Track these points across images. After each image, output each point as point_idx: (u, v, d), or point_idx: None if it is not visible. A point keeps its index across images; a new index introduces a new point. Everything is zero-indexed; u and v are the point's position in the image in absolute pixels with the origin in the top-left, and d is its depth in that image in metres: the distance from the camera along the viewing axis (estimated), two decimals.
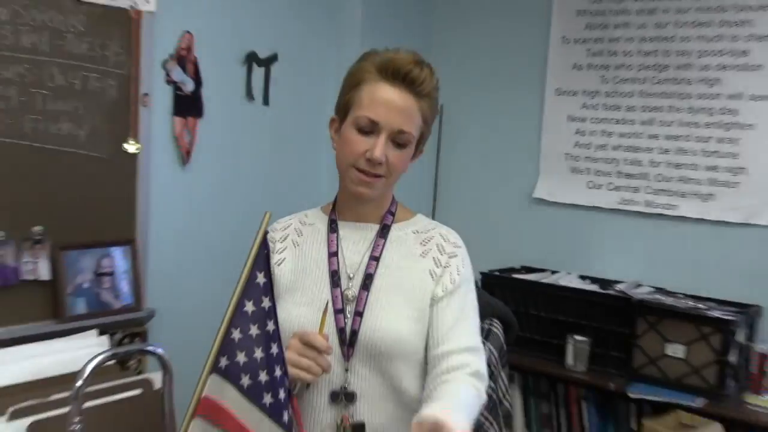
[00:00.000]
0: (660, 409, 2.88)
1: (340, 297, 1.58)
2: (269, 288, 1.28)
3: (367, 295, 1.57)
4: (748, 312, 2.98)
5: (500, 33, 3.70)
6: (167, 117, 2.88)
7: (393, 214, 1.67)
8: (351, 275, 1.61)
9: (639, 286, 3.26)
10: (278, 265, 1.66)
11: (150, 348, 1.43)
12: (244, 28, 3.13)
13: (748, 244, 3.11)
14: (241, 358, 1.26)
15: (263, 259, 1.26)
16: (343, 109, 1.59)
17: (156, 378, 1.53)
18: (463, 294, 1.62)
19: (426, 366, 1.58)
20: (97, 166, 2.64)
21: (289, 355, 1.43)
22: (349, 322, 1.56)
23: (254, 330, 1.27)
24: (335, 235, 1.65)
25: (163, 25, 2.80)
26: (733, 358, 2.86)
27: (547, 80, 3.58)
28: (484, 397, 1.54)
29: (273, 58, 3.25)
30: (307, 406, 1.57)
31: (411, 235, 1.66)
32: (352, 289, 1.59)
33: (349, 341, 1.55)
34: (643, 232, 3.37)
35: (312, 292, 1.60)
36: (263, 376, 1.28)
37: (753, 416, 2.74)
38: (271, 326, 1.29)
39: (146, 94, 2.75)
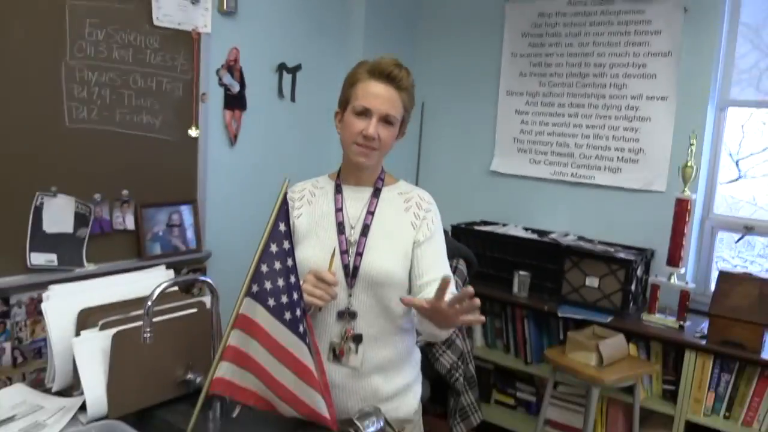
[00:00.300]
0: (580, 324, 2.90)
1: (345, 241, 1.59)
2: (289, 234, 1.32)
3: (365, 240, 1.59)
4: (644, 254, 3.02)
5: (467, 48, 3.69)
6: (219, 110, 2.88)
7: (383, 180, 1.69)
8: (353, 225, 1.62)
9: (566, 235, 3.30)
10: (297, 218, 1.67)
11: (201, 277, 1.48)
12: (276, 45, 3.12)
13: (645, 204, 3.14)
14: (267, 285, 1.29)
15: (284, 212, 1.29)
16: (344, 102, 1.63)
17: (208, 300, 1.57)
18: (437, 240, 1.65)
19: (409, 292, 1.62)
20: (168, 146, 2.65)
21: (305, 286, 1.47)
22: (351, 260, 1.58)
23: (277, 265, 1.30)
24: (340, 195, 1.66)
25: (217, 42, 2.79)
26: (633, 287, 2.91)
27: (501, 84, 3.57)
28: None
29: (298, 67, 3.23)
30: (320, 323, 1.59)
31: (397, 195, 1.67)
32: (353, 235, 1.60)
33: (351, 274, 1.57)
34: (569, 196, 3.39)
35: (323, 238, 1.61)
36: (284, 299, 1.31)
37: (646, 329, 2.78)
38: (290, 262, 1.32)
39: (204, 93, 2.76)
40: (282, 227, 1.30)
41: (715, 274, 2.95)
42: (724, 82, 3.00)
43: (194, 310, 1.57)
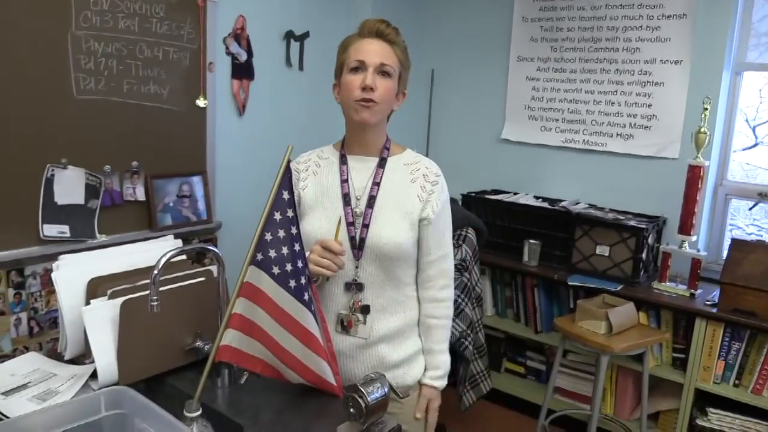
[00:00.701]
0: (590, 292, 2.90)
1: (351, 213, 1.58)
2: (293, 202, 1.31)
3: (371, 212, 1.58)
4: (656, 222, 3.00)
5: (477, 14, 3.63)
6: (227, 80, 2.87)
7: (388, 149, 1.66)
8: (358, 197, 1.60)
9: (577, 203, 3.28)
10: (303, 190, 1.66)
11: (207, 246, 1.49)
12: (284, 12, 3.08)
13: (657, 171, 3.11)
14: (272, 253, 1.30)
15: (287, 180, 1.29)
16: (339, 70, 1.62)
17: (215, 269, 1.59)
18: (444, 218, 1.65)
19: (416, 262, 1.64)
20: (176, 116, 2.65)
21: (312, 256, 1.49)
22: (357, 231, 1.57)
23: (281, 233, 1.30)
24: (345, 166, 1.64)
25: (223, 10, 2.77)
26: (644, 255, 2.90)
27: (511, 50, 3.52)
28: (452, 296, 1.71)
29: (306, 35, 3.21)
30: (328, 293, 1.60)
31: (402, 166, 1.64)
32: (359, 206, 1.59)
33: (358, 246, 1.56)
34: (581, 163, 3.36)
35: (329, 209, 1.60)
36: (288, 267, 1.31)
37: (656, 297, 2.78)
38: (293, 230, 1.32)
39: (211, 63, 2.75)
40: (285, 195, 1.30)
41: (728, 243, 2.93)
42: (740, 46, 2.94)
43: (202, 279, 1.59)
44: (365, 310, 1.59)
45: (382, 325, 1.61)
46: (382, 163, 1.64)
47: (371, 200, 1.59)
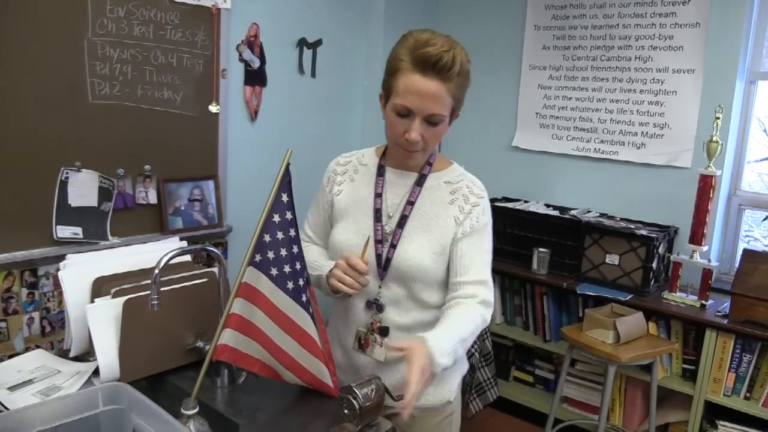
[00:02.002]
0: (600, 301, 2.89)
1: (380, 230, 1.51)
2: (292, 205, 1.34)
3: (401, 232, 1.50)
4: (667, 231, 2.98)
5: (489, 21, 3.64)
6: (240, 86, 2.92)
7: (431, 165, 1.54)
8: (390, 214, 1.52)
9: (588, 212, 3.27)
10: (336, 195, 1.60)
11: (207, 247, 1.52)
12: (296, 20, 3.13)
13: (669, 181, 3.08)
14: (270, 255, 1.32)
15: (286, 183, 1.32)
16: (386, 91, 1.44)
17: (218, 270, 1.62)
18: (480, 237, 1.52)
19: (445, 284, 1.53)
20: (189, 122, 2.70)
21: (336, 272, 1.45)
22: (385, 251, 1.50)
23: (280, 235, 1.32)
24: (382, 179, 1.55)
25: (237, 18, 2.82)
26: (654, 265, 2.88)
27: (523, 58, 3.52)
28: (488, 321, 1.51)
29: (318, 42, 3.25)
30: (349, 308, 1.55)
31: (443, 184, 1.53)
32: (389, 225, 1.51)
33: (383, 266, 1.50)
34: (592, 172, 3.35)
35: (359, 222, 1.54)
36: (287, 269, 1.33)
37: (666, 307, 2.76)
38: (292, 232, 1.34)
39: (224, 69, 2.79)
40: (284, 198, 1.33)
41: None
42: (754, 55, 2.92)
43: (205, 280, 1.62)
44: (384, 332, 1.52)
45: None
46: (420, 181, 1.54)
47: (402, 220, 1.51)
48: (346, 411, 1.27)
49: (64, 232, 2.38)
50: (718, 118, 2.69)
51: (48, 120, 2.29)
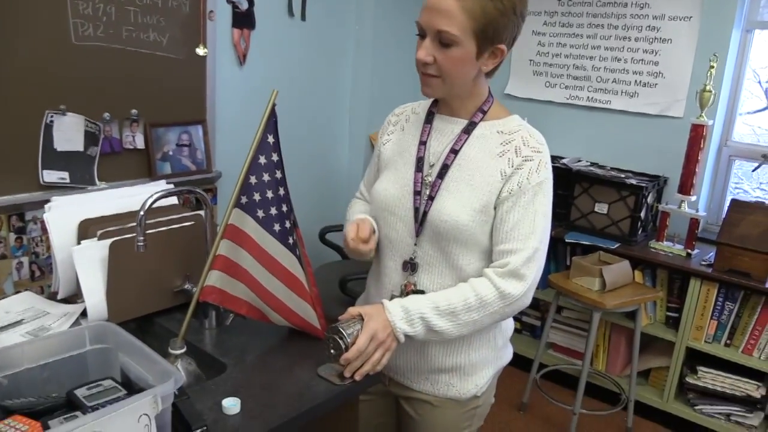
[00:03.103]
0: (587, 250, 2.91)
1: (419, 181, 1.38)
2: (278, 146, 1.32)
3: (441, 183, 1.35)
4: (657, 181, 2.99)
5: None
6: (228, 28, 2.86)
7: (484, 112, 1.37)
8: (432, 163, 1.38)
9: (579, 161, 3.26)
10: (383, 144, 1.50)
11: (194, 189, 1.51)
12: None
13: (661, 130, 3.07)
14: (256, 197, 1.31)
15: (272, 124, 1.30)
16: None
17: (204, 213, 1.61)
18: (530, 198, 1.30)
19: (488, 250, 1.36)
20: (176, 65, 2.65)
21: (345, 239, 1.41)
22: (423, 204, 1.36)
23: (266, 177, 1.31)
24: (429, 126, 1.42)
25: None
26: (642, 214, 2.90)
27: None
28: (511, 296, 1.30)
29: None
30: (384, 268, 1.45)
31: (495, 134, 1.35)
32: (430, 175, 1.37)
33: (420, 220, 1.37)
34: (585, 121, 3.33)
35: (400, 172, 1.42)
36: (273, 211, 1.33)
37: (652, 256, 2.79)
38: (278, 174, 1.33)
39: (212, 11, 2.73)
40: (270, 139, 1.32)
41: None
42: (752, 3, 2.87)
43: (192, 222, 1.61)
44: (418, 293, 1.38)
45: None
46: (469, 128, 1.37)
47: (443, 170, 1.36)
48: (332, 351, 1.28)
49: (50, 176, 2.36)
50: (713, 66, 2.67)
51: (31, 62, 2.24)
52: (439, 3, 1.22)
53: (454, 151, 1.36)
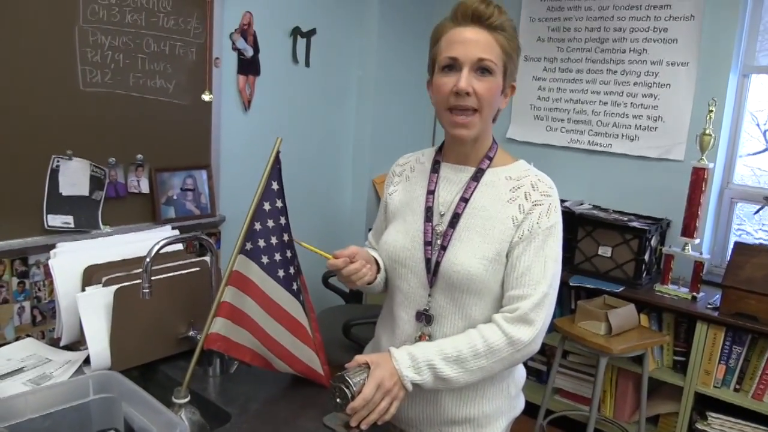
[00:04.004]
0: (592, 293, 2.89)
1: (430, 231, 1.36)
2: (282, 193, 1.33)
3: (452, 233, 1.34)
4: (660, 224, 2.99)
5: None
6: (233, 75, 2.90)
7: (491, 159, 1.37)
8: (442, 213, 1.37)
9: (581, 204, 3.26)
10: (390, 195, 1.50)
11: (200, 235, 1.51)
12: (290, 9, 3.11)
13: (662, 173, 3.09)
14: (261, 243, 1.32)
15: (276, 171, 1.31)
16: (431, 65, 1.36)
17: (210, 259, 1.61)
18: (540, 243, 1.30)
19: (500, 299, 1.34)
20: (181, 111, 2.69)
21: (340, 277, 1.35)
22: (434, 254, 1.35)
23: (270, 223, 1.32)
24: (436, 175, 1.41)
25: (230, 6, 2.81)
26: (646, 257, 2.89)
27: None
28: (520, 341, 1.27)
29: (312, 32, 3.23)
30: (396, 318, 1.42)
31: (503, 180, 1.35)
32: (441, 225, 1.36)
33: (433, 271, 1.35)
34: (586, 164, 3.35)
35: (408, 223, 1.41)
36: (278, 257, 1.33)
37: (658, 299, 2.77)
38: (283, 221, 1.34)
39: (217, 58, 2.78)
40: (275, 186, 1.33)
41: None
42: (748, 48, 2.92)
43: (197, 269, 1.61)
44: None
45: None
46: (477, 176, 1.37)
47: (455, 219, 1.34)
48: (338, 400, 1.26)
49: (55, 220, 2.37)
50: (712, 111, 2.70)
51: (39, 108, 2.27)
52: (475, 35, 1.27)
53: (465, 200, 1.35)
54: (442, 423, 1.40)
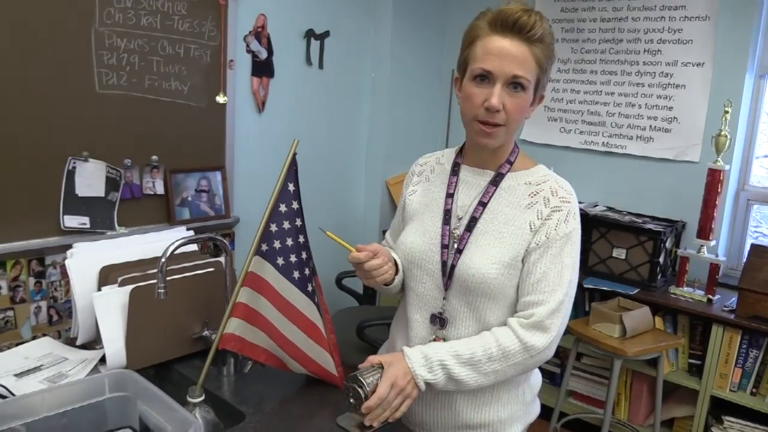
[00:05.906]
0: (606, 295, 2.87)
1: (447, 234, 1.35)
2: (298, 194, 1.33)
3: (469, 236, 1.33)
4: (675, 226, 2.97)
5: None
6: (247, 77, 2.92)
7: (511, 163, 1.36)
8: (460, 216, 1.36)
9: (595, 205, 3.25)
10: (409, 195, 1.49)
11: (214, 236, 1.52)
12: (304, 11, 3.12)
13: (677, 175, 3.07)
14: (277, 244, 1.32)
15: (293, 173, 1.31)
16: (462, 66, 1.31)
17: (224, 260, 1.61)
18: (558, 250, 1.28)
19: (515, 304, 1.33)
20: (196, 112, 2.70)
21: (358, 273, 1.36)
22: (450, 257, 1.34)
23: (286, 224, 1.32)
24: (456, 177, 1.40)
25: (244, 8, 2.82)
26: (661, 259, 2.87)
27: None
28: (534, 347, 1.27)
29: (326, 34, 3.24)
30: (411, 322, 1.41)
31: (522, 185, 1.34)
32: (458, 228, 1.35)
33: (448, 274, 1.34)
34: (600, 166, 3.33)
35: (427, 224, 1.40)
36: (293, 258, 1.33)
37: (673, 301, 2.75)
38: (299, 222, 1.34)
39: (232, 60, 2.79)
40: (291, 187, 1.33)
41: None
42: (764, 48, 2.89)
43: (212, 270, 1.61)
44: None
45: None
46: (496, 180, 1.35)
47: (472, 222, 1.34)
48: (351, 400, 1.26)
49: (71, 221, 2.39)
50: (727, 112, 2.67)
51: (56, 110, 2.29)
52: (513, 49, 1.22)
53: (483, 204, 1.34)
54: (457, 427, 1.40)
